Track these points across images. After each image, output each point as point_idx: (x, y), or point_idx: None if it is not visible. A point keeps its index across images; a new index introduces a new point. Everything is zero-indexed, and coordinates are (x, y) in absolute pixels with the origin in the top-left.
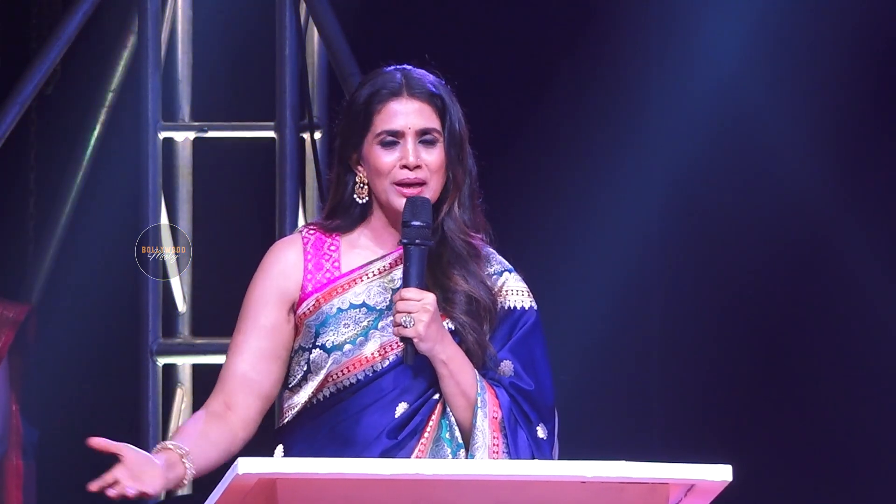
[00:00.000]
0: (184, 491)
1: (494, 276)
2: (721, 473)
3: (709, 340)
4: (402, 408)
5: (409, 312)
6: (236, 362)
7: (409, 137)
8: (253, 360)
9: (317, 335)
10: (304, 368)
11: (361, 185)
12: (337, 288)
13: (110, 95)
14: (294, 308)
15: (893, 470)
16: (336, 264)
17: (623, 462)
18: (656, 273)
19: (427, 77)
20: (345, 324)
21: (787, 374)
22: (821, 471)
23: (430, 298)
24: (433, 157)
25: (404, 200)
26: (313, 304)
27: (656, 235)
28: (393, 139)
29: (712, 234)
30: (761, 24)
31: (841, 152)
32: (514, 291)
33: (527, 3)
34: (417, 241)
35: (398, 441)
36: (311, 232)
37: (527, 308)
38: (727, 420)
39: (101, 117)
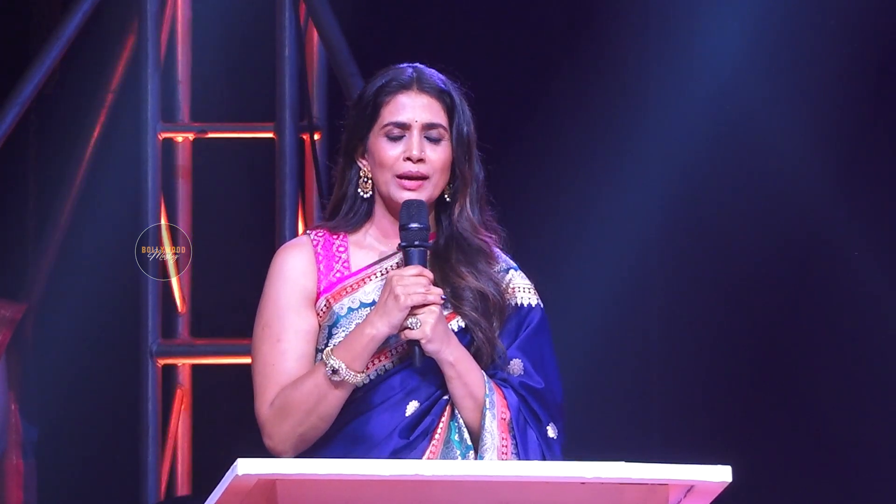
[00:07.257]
0: (183, 491)
1: (501, 274)
2: (721, 474)
3: (708, 340)
4: (412, 406)
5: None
6: (286, 368)
7: (414, 131)
8: (299, 366)
9: (329, 336)
10: None
11: (365, 178)
12: (346, 288)
13: (110, 96)
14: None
15: (893, 470)
16: (346, 264)
17: (623, 463)
18: (656, 273)
19: (438, 74)
20: (356, 323)
21: (787, 375)
22: (821, 471)
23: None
24: (437, 154)
25: (405, 195)
26: (325, 305)
27: (656, 236)
28: (399, 131)
29: (712, 234)
30: (761, 24)
31: (841, 152)
32: (521, 289)
33: (527, 4)
34: (416, 242)
35: (409, 441)
36: (319, 234)
37: (534, 305)
38: (727, 420)
39: (101, 118)
